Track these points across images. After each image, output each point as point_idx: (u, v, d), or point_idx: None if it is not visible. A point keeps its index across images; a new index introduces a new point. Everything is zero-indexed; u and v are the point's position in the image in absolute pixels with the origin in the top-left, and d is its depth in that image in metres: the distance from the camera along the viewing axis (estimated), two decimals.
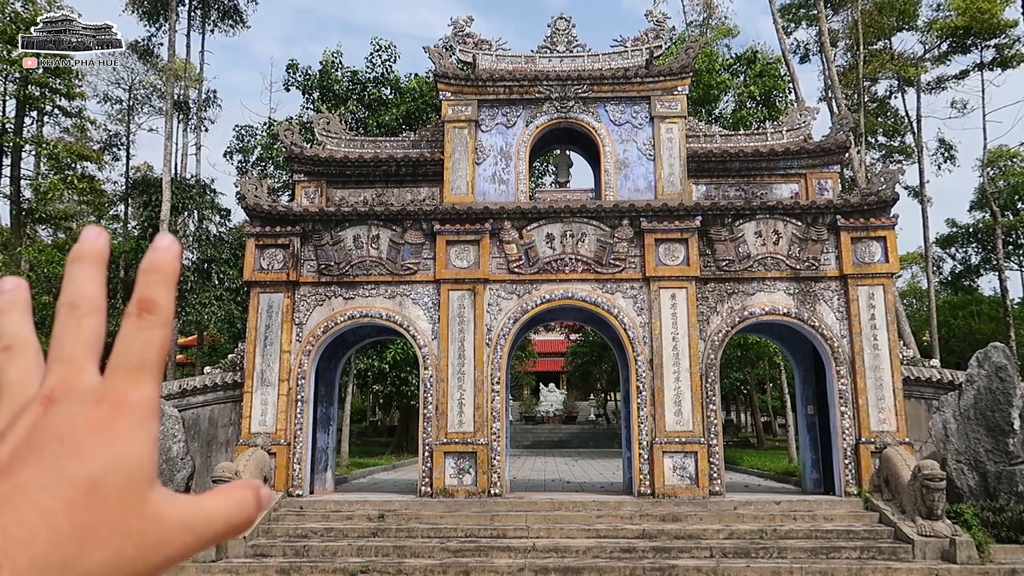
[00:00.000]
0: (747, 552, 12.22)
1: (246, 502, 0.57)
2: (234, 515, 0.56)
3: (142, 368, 0.53)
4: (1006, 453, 13.35)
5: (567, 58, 16.83)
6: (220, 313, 26.11)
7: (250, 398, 15.27)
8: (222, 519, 0.55)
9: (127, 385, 0.53)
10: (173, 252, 0.57)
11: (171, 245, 0.58)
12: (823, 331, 15.20)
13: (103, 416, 0.51)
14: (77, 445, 0.50)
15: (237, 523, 0.56)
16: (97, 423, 0.51)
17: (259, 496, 0.58)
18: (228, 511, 0.56)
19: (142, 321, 0.54)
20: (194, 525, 0.54)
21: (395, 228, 15.83)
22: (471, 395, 15.18)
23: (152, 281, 0.56)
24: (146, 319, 0.55)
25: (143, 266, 0.56)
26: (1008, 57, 32.54)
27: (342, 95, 27.95)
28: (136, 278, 0.56)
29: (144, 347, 0.54)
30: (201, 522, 0.54)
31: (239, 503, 0.57)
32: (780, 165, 16.54)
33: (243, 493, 0.57)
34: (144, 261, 0.57)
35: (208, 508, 0.55)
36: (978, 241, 38.06)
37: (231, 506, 0.56)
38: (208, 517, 0.55)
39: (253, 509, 0.57)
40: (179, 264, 0.58)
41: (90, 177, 29.45)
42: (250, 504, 0.57)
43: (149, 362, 0.54)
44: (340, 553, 12.41)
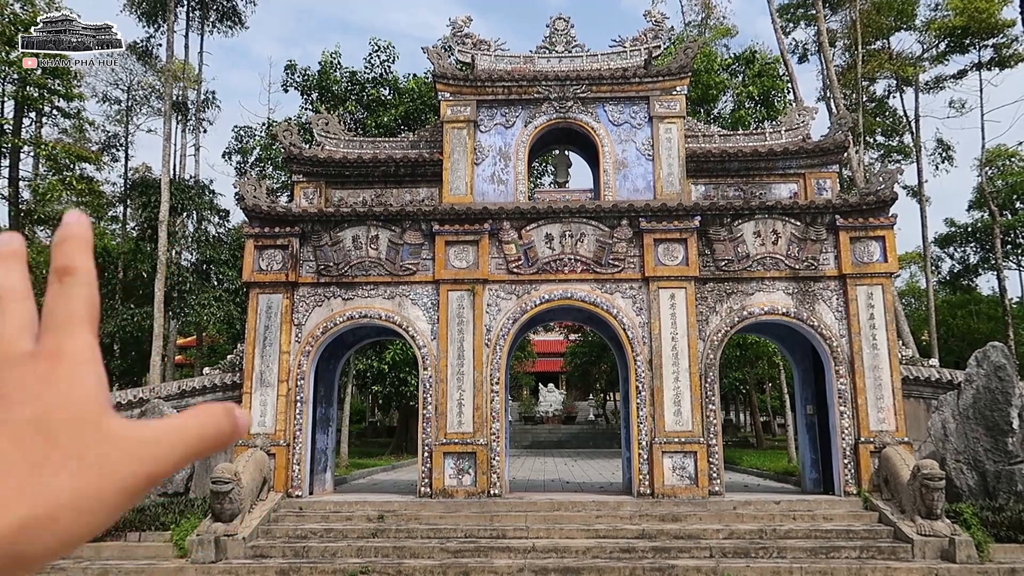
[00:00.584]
0: (747, 552, 12.23)
1: (218, 416, 0.59)
2: (206, 428, 0.58)
3: (72, 322, 0.56)
4: (1005, 452, 13.36)
5: (566, 58, 16.84)
6: (219, 314, 26.11)
7: (249, 399, 15.26)
8: (194, 431, 0.58)
9: (61, 338, 0.56)
10: (83, 222, 0.60)
11: (80, 217, 0.61)
12: (822, 331, 15.21)
13: (42, 368, 0.54)
14: (20, 396, 0.53)
15: (210, 436, 0.58)
16: (37, 375, 0.54)
17: (232, 414, 0.60)
18: (199, 424, 0.58)
19: (63, 283, 0.57)
20: (161, 439, 0.56)
21: (394, 228, 15.83)
22: (470, 395, 15.18)
23: (66, 249, 0.59)
24: (67, 281, 0.57)
25: (55, 241, 0.60)
26: (1006, 57, 32.57)
27: (341, 96, 27.95)
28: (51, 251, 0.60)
29: (69, 304, 0.57)
30: (169, 436, 0.56)
31: (210, 417, 0.59)
32: (779, 165, 16.55)
33: (214, 408, 0.60)
34: (55, 236, 0.60)
35: (177, 423, 0.58)
36: (976, 240, 38.10)
37: (201, 420, 0.58)
38: (177, 430, 0.57)
39: (226, 424, 0.59)
40: (90, 233, 0.61)
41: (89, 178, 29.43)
42: (222, 419, 0.59)
43: (78, 316, 0.57)
44: (340, 554, 12.40)
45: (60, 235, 0.60)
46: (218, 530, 12.44)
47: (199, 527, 12.68)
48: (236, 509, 12.70)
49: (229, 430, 0.60)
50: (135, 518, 12.95)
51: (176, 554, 12.33)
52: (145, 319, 25.27)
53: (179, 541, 12.46)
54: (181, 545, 12.38)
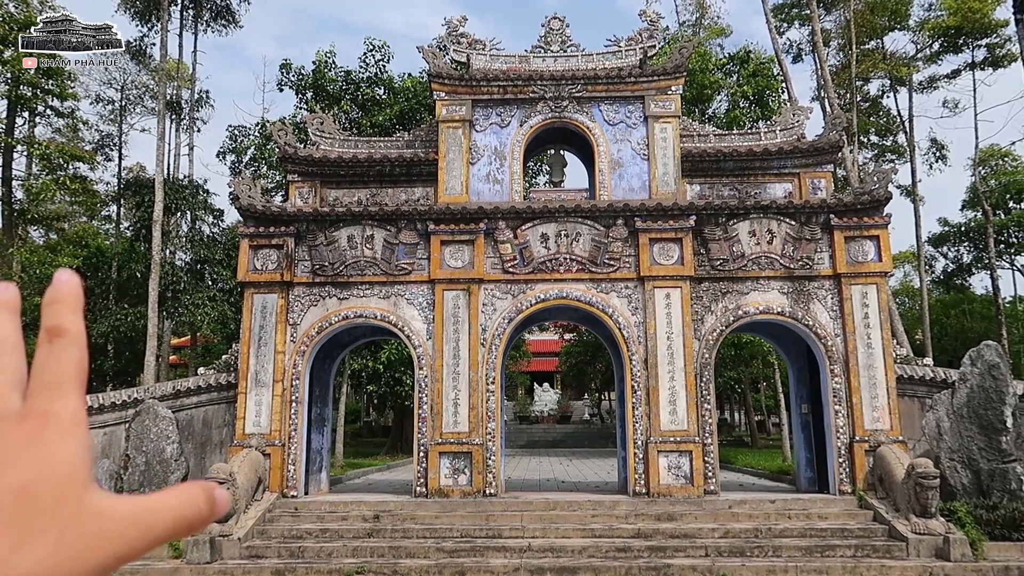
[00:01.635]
0: (742, 551, 12.25)
1: (196, 498, 0.59)
2: (183, 510, 0.58)
3: (61, 384, 0.57)
4: (999, 451, 13.41)
5: (561, 58, 16.84)
6: (214, 314, 26.04)
7: (244, 399, 15.22)
8: (170, 513, 0.58)
9: (49, 401, 0.56)
10: (74, 282, 0.61)
11: (71, 277, 0.61)
12: (817, 330, 15.24)
13: (29, 431, 0.54)
14: (5, 460, 0.53)
15: (187, 518, 0.58)
16: (24, 438, 0.54)
17: (211, 495, 0.60)
18: (177, 506, 0.58)
19: (53, 345, 0.58)
20: (139, 520, 0.56)
21: (389, 228, 15.80)
22: (466, 395, 15.17)
23: (57, 310, 0.59)
24: (56, 343, 0.58)
25: (46, 300, 0.60)
26: (999, 57, 32.70)
27: (336, 95, 27.89)
28: (41, 312, 0.59)
29: (59, 366, 0.57)
30: (147, 516, 0.56)
31: (188, 499, 0.59)
32: (774, 164, 16.58)
33: (193, 490, 0.60)
34: (46, 295, 0.60)
35: (155, 503, 0.58)
36: (970, 240, 38.25)
37: (180, 502, 0.59)
38: (155, 511, 0.57)
39: (204, 506, 0.60)
40: (81, 293, 0.61)
41: (82, 178, 29.34)
42: (200, 501, 0.59)
43: (67, 378, 0.57)
44: (335, 554, 12.38)
45: (51, 295, 0.60)
46: (213, 530, 12.41)
47: None
48: (231, 509, 12.66)
49: (207, 511, 0.60)
50: None
51: (171, 554, 12.30)
52: (139, 319, 25.18)
53: (174, 542, 12.42)
54: (176, 545, 12.35)
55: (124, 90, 31.50)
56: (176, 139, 29.88)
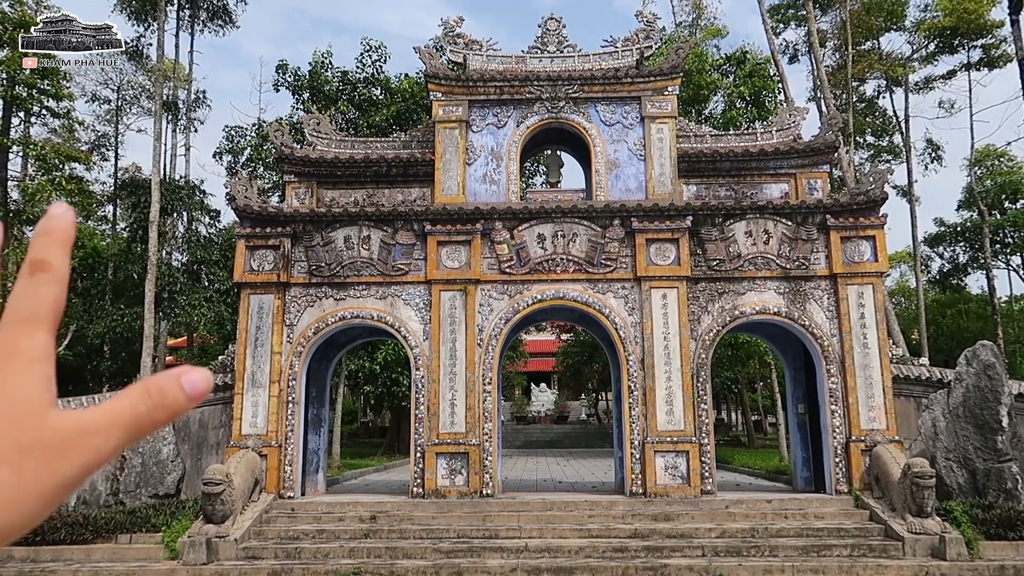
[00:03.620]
0: (739, 551, 12.27)
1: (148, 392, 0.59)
2: (137, 406, 0.58)
3: (33, 320, 0.57)
4: (995, 450, 13.45)
5: (558, 58, 16.85)
6: (210, 315, 25.99)
7: (241, 400, 15.20)
8: (127, 412, 0.58)
9: (19, 336, 0.57)
10: (67, 217, 0.61)
11: (65, 211, 0.61)
12: (813, 330, 15.26)
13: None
14: None
15: (144, 412, 0.58)
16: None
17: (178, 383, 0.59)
18: (130, 404, 0.58)
19: (34, 279, 0.58)
20: (98, 425, 0.57)
21: (386, 229, 15.80)
22: (463, 395, 15.17)
23: (45, 243, 0.59)
24: (38, 276, 0.58)
25: (37, 231, 0.60)
26: (995, 57, 32.79)
27: (332, 96, 27.87)
28: (31, 241, 0.60)
29: (35, 301, 0.58)
30: (105, 420, 0.57)
31: (140, 394, 0.59)
32: (770, 165, 16.61)
33: (156, 382, 0.59)
34: (38, 226, 0.60)
35: (109, 406, 0.58)
36: (966, 240, 38.32)
37: (132, 399, 0.58)
38: (112, 413, 0.58)
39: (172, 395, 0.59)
40: (73, 229, 0.61)
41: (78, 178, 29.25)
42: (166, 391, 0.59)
43: (41, 315, 0.58)
44: (332, 555, 12.37)
45: (42, 226, 0.60)
46: (209, 531, 12.39)
47: (190, 529, 12.63)
48: (228, 510, 12.65)
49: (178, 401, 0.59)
50: (126, 520, 12.90)
51: (167, 556, 12.28)
52: (135, 320, 25.14)
53: (170, 543, 12.41)
54: (172, 547, 12.33)
55: (120, 90, 31.43)
56: (172, 139, 29.83)
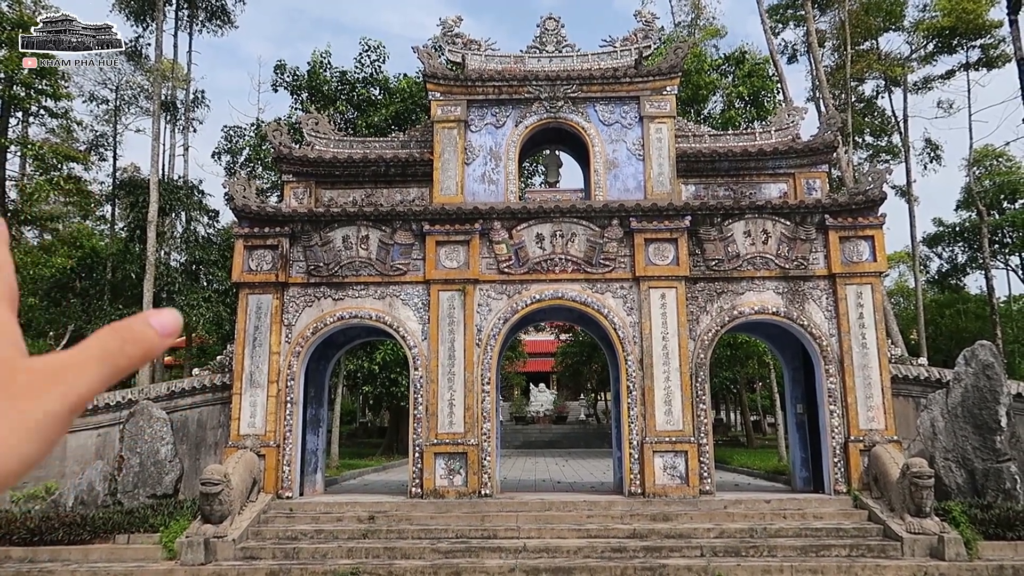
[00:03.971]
0: (737, 551, 12.25)
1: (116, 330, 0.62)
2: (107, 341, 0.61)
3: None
4: (993, 450, 13.44)
5: (556, 58, 16.83)
6: (209, 315, 25.95)
7: (239, 400, 15.18)
8: (96, 347, 0.61)
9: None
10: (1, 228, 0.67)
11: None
12: (812, 330, 15.26)
13: None
14: None
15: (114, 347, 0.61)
16: None
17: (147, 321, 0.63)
18: (100, 339, 0.61)
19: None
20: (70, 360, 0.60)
21: (384, 229, 15.78)
22: (461, 396, 15.16)
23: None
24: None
25: None
26: (993, 57, 32.81)
27: (331, 95, 27.85)
28: None
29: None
30: (77, 356, 0.60)
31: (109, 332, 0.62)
32: (769, 165, 16.60)
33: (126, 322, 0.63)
34: None
35: (80, 345, 0.61)
36: (964, 240, 38.33)
37: (101, 335, 0.62)
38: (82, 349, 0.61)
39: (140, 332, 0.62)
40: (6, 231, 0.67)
41: (76, 178, 29.23)
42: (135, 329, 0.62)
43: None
44: (330, 555, 12.35)
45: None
46: (207, 532, 12.37)
47: (188, 529, 12.61)
48: (226, 511, 12.63)
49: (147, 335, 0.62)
50: (124, 520, 12.87)
51: (165, 556, 12.26)
52: None
53: (168, 543, 12.39)
54: (170, 547, 12.31)
55: (119, 90, 31.38)
56: (171, 139, 29.79)
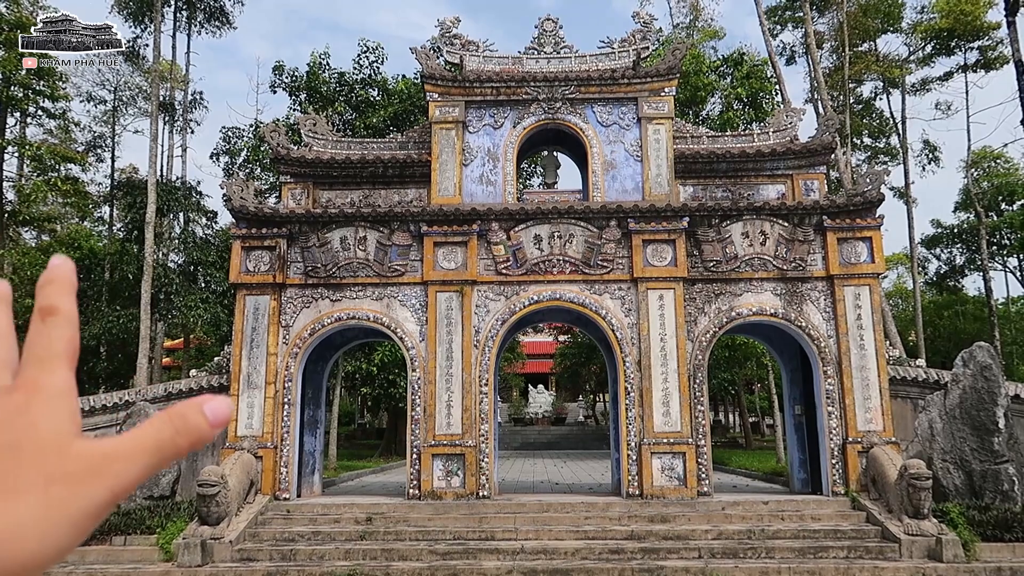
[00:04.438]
0: (735, 552, 12.24)
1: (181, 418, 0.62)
2: (160, 432, 0.61)
3: (50, 359, 0.61)
4: (991, 452, 13.43)
5: (554, 59, 16.83)
6: (206, 316, 25.94)
7: (236, 401, 15.14)
8: (150, 438, 0.60)
9: (39, 373, 0.60)
10: (67, 266, 0.66)
11: (64, 261, 0.66)
12: (810, 331, 15.25)
13: (18, 400, 0.59)
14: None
15: (171, 439, 0.61)
16: (15, 406, 0.58)
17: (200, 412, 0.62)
18: (155, 429, 0.61)
19: (45, 323, 0.62)
20: (121, 450, 0.59)
21: (382, 230, 15.76)
22: (459, 397, 15.13)
23: (51, 291, 0.64)
24: (49, 321, 0.62)
25: (40, 282, 0.65)
26: (991, 59, 32.85)
27: (329, 96, 27.84)
28: (36, 292, 0.65)
29: (49, 342, 0.62)
30: (128, 446, 0.60)
31: (162, 422, 0.61)
32: (767, 166, 16.59)
33: (178, 410, 0.62)
34: (41, 277, 0.65)
35: (133, 433, 0.61)
36: (963, 241, 38.37)
37: (156, 426, 0.61)
38: (135, 439, 0.60)
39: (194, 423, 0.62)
40: (74, 277, 0.66)
41: (74, 179, 29.19)
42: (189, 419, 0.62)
43: (56, 353, 0.61)
44: (327, 556, 12.33)
45: (46, 277, 0.64)
46: (204, 533, 12.34)
47: (185, 530, 12.58)
48: (223, 512, 12.60)
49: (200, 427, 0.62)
50: (120, 522, 12.84)
51: (162, 558, 12.22)
52: (131, 321, 25.06)
53: (165, 545, 12.35)
54: (167, 549, 12.28)
55: (117, 91, 31.37)
56: (169, 140, 29.79)
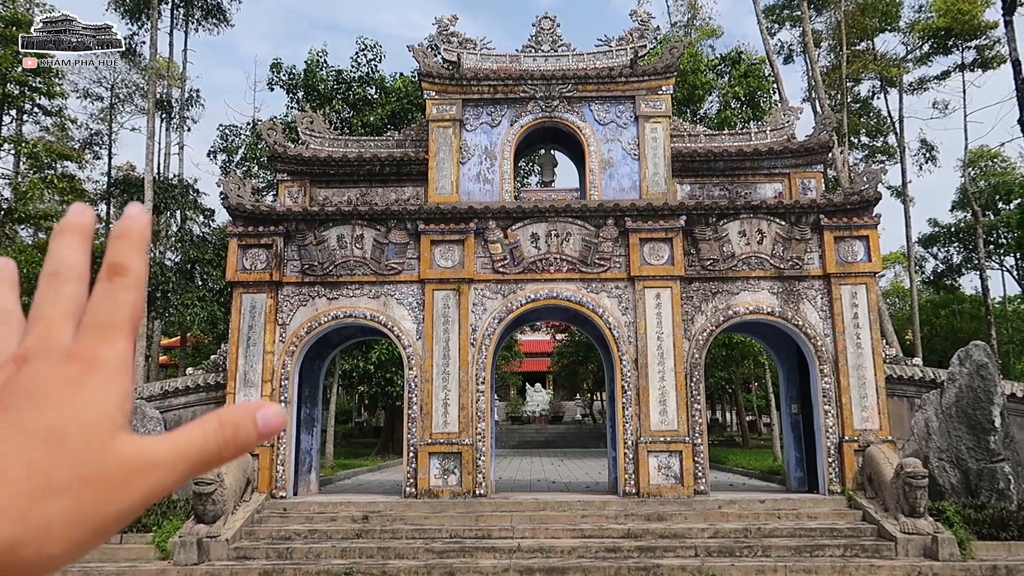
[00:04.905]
0: (732, 551, 12.25)
1: (224, 426, 0.56)
2: (210, 440, 0.56)
3: (113, 327, 0.55)
4: (987, 451, 13.46)
5: (552, 57, 16.81)
6: (203, 314, 25.90)
7: (233, 399, 15.13)
8: (197, 446, 0.55)
9: (98, 343, 0.54)
10: (143, 219, 0.59)
11: (140, 213, 0.59)
12: (807, 330, 15.26)
13: (73, 372, 0.53)
14: (44, 399, 0.51)
15: (217, 447, 0.56)
16: (67, 378, 0.53)
17: (251, 417, 0.57)
18: (204, 437, 0.55)
19: (112, 283, 0.56)
20: (164, 459, 0.54)
21: (379, 228, 15.74)
22: (456, 395, 15.13)
23: (122, 246, 0.57)
24: (116, 281, 0.56)
25: (113, 233, 0.58)
26: (989, 58, 32.89)
27: (327, 94, 27.79)
28: (107, 244, 0.58)
29: (115, 307, 0.56)
30: (171, 454, 0.54)
31: (217, 427, 0.56)
32: (764, 165, 16.59)
33: (224, 418, 0.56)
34: (114, 228, 0.58)
35: (179, 438, 0.55)
36: (960, 241, 38.43)
37: (205, 432, 0.56)
38: (180, 446, 0.55)
39: (244, 429, 0.56)
40: (149, 231, 0.59)
41: (71, 176, 29.14)
42: (238, 425, 0.56)
43: (120, 321, 0.56)
44: (324, 555, 12.32)
45: (119, 228, 0.58)
46: (201, 531, 12.33)
47: (181, 528, 12.56)
48: (219, 510, 12.59)
49: (250, 438, 0.57)
50: None
51: (158, 556, 12.21)
52: None
53: (161, 543, 12.34)
54: (163, 547, 12.26)
55: (114, 89, 31.31)
56: (166, 138, 29.74)
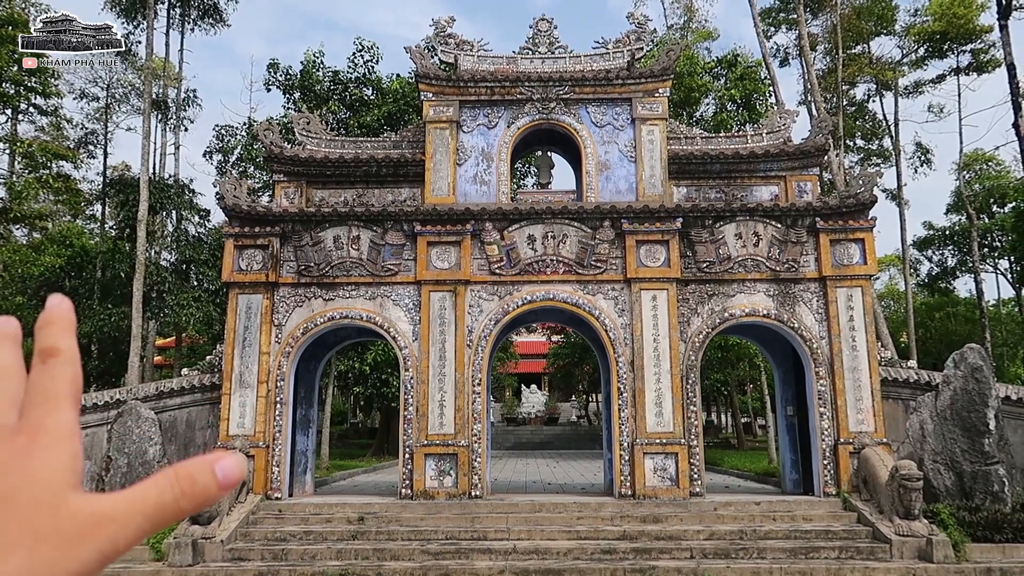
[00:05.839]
0: (727, 553, 12.26)
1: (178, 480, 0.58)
2: (165, 493, 0.58)
3: (55, 398, 0.60)
4: (982, 453, 13.50)
5: (549, 59, 16.83)
6: (199, 314, 25.82)
7: (228, 400, 15.10)
8: (152, 500, 0.57)
9: (42, 415, 0.59)
10: (66, 306, 0.65)
11: (62, 301, 0.65)
12: (802, 332, 15.29)
13: (21, 443, 0.57)
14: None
15: (174, 500, 0.58)
16: (15, 450, 0.56)
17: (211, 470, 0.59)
18: (159, 490, 0.57)
19: (47, 364, 0.61)
20: (117, 513, 0.56)
21: (376, 229, 15.74)
22: (452, 397, 15.12)
23: (51, 332, 0.62)
24: (50, 362, 0.61)
25: (39, 324, 0.63)
26: (984, 62, 33.02)
27: (323, 95, 27.78)
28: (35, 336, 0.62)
29: (53, 383, 0.60)
30: (126, 508, 0.56)
31: (167, 483, 0.58)
32: (760, 167, 16.63)
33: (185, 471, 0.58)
34: (40, 319, 0.63)
35: (134, 493, 0.57)
36: (954, 244, 38.57)
37: (160, 485, 0.58)
38: (134, 501, 0.57)
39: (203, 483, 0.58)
40: (73, 316, 0.64)
41: (66, 176, 29.06)
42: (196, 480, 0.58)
43: (60, 394, 0.60)
44: (319, 556, 12.30)
45: (45, 318, 0.63)
46: (195, 533, 12.30)
47: (176, 530, 12.53)
48: (214, 511, 12.56)
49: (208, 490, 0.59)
50: None
51: (152, 557, 12.18)
52: (123, 319, 24.95)
53: (155, 544, 12.30)
54: (157, 548, 12.23)
55: (109, 88, 31.24)
56: (162, 138, 29.65)
